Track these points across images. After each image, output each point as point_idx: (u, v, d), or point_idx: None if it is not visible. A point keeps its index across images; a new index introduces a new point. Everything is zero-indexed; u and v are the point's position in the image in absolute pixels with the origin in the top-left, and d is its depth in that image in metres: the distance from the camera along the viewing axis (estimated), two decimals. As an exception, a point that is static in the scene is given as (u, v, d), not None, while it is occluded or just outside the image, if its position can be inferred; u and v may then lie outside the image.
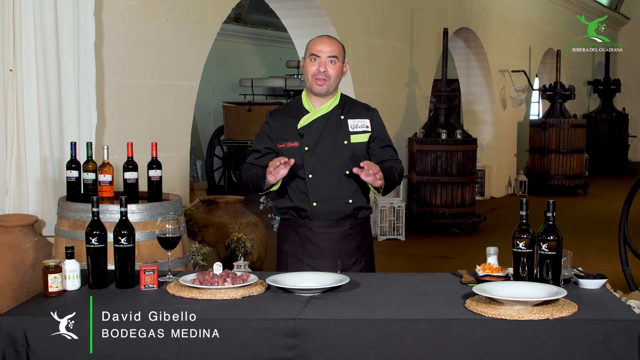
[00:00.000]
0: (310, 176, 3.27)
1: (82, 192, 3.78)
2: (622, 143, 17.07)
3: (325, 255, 3.29)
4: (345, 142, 3.29)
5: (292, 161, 3.08)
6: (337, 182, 3.28)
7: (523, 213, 2.74)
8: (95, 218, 2.82)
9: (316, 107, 3.33)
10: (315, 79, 3.26)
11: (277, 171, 3.08)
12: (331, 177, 3.28)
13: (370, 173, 3.06)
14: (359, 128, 3.32)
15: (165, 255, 3.11)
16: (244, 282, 2.74)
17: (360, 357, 2.40)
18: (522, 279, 2.74)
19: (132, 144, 3.69)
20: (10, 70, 4.35)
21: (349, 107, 3.37)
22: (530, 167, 13.32)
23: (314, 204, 3.28)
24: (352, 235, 3.33)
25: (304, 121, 3.31)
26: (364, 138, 3.32)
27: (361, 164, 3.08)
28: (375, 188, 3.22)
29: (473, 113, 12.72)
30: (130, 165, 3.66)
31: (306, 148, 3.28)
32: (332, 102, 3.34)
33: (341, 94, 3.39)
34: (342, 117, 3.32)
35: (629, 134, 17.33)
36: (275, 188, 3.25)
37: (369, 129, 3.33)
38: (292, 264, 3.31)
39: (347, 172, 3.27)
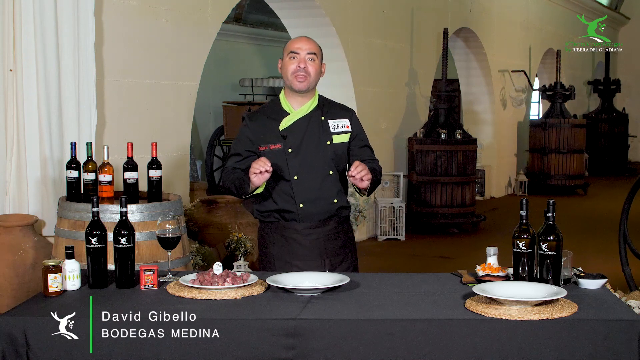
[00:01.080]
0: (295, 178, 3.27)
1: (82, 192, 3.78)
2: (622, 143, 17.07)
3: (313, 255, 3.30)
4: (328, 142, 3.30)
5: (270, 169, 3.04)
6: (322, 182, 3.29)
7: (523, 213, 2.74)
8: (95, 218, 2.82)
9: (296, 108, 3.33)
10: (296, 76, 3.26)
11: (262, 174, 3.06)
12: (316, 178, 3.28)
13: (362, 175, 3.06)
14: (340, 128, 3.34)
15: (165, 255, 3.11)
16: (244, 282, 2.74)
17: (360, 357, 2.40)
18: (522, 279, 2.74)
19: (132, 144, 3.69)
20: (10, 70, 4.35)
21: (327, 107, 3.38)
22: (530, 167, 13.32)
23: (301, 205, 3.28)
24: (338, 234, 3.36)
25: (285, 123, 3.31)
26: (345, 138, 3.34)
27: (352, 168, 3.08)
28: (360, 190, 3.23)
29: (473, 113, 12.72)
30: (130, 165, 3.66)
31: (290, 150, 3.27)
32: (311, 103, 3.34)
33: (319, 95, 3.40)
34: (323, 117, 3.34)
35: (629, 134, 17.33)
36: (259, 191, 3.24)
37: (350, 129, 3.36)
38: (280, 267, 3.30)
39: (331, 172, 3.29)
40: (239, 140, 3.36)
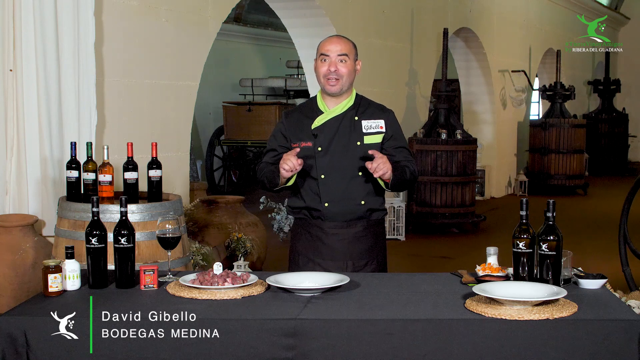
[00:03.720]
0: (322, 177, 3.26)
1: (82, 192, 3.78)
2: (622, 143, 17.07)
3: (336, 256, 3.28)
4: (358, 142, 3.27)
5: (301, 162, 3.07)
6: (349, 183, 3.27)
7: (523, 213, 2.74)
8: (95, 218, 2.82)
9: (330, 108, 3.32)
10: (327, 80, 3.25)
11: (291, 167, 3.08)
12: (343, 178, 3.26)
13: (377, 161, 3.04)
14: (373, 129, 3.30)
15: (165, 255, 3.12)
16: (244, 282, 2.74)
17: (360, 357, 2.40)
18: (522, 279, 2.74)
19: (132, 144, 3.69)
20: (10, 70, 4.35)
21: (364, 107, 3.35)
22: (530, 167, 13.32)
23: (326, 204, 3.27)
24: (364, 237, 3.31)
25: (317, 122, 3.30)
26: (378, 139, 3.29)
27: (370, 151, 3.07)
28: (384, 183, 3.20)
29: (473, 113, 12.72)
30: (130, 165, 3.66)
31: (319, 148, 3.27)
32: (346, 103, 3.32)
33: (356, 94, 3.38)
34: (356, 117, 3.31)
35: (629, 134, 17.33)
36: (290, 183, 3.25)
37: (383, 130, 3.31)
38: (304, 263, 3.31)
39: (360, 173, 3.26)
40: (274, 136, 3.38)
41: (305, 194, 3.31)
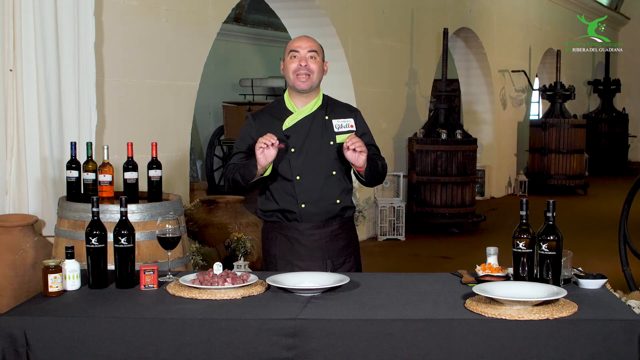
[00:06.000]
0: (298, 178, 3.26)
1: (82, 192, 3.78)
2: (622, 143, 17.07)
3: (315, 256, 3.28)
4: (331, 142, 3.29)
5: (277, 143, 3.04)
6: (324, 182, 3.28)
7: (523, 213, 2.74)
8: (95, 218, 2.82)
9: (300, 108, 3.32)
10: (297, 75, 3.25)
11: (269, 151, 3.04)
12: (319, 178, 3.27)
13: (356, 145, 3.05)
14: (344, 128, 3.32)
15: (165, 255, 3.12)
16: (244, 282, 2.74)
17: (360, 357, 2.40)
18: (522, 279, 2.74)
19: (132, 144, 3.69)
20: (10, 70, 4.35)
21: (332, 107, 3.37)
22: (530, 167, 13.32)
23: (303, 205, 3.26)
24: (340, 234, 3.34)
25: (288, 122, 3.29)
26: None
27: (347, 139, 3.08)
28: (358, 173, 3.22)
29: (473, 113, 12.72)
30: (130, 165, 3.66)
31: (292, 149, 3.26)
32: (315, 102, 3.33)
33: (323, 94, 3.39)
34: (327, 117, 3.32)
35: (629, 134, 17.34)
36: (267, 173, 3.22)
37: (354, 128, 3.34)
38: (282, 266, 3.29)
39: (334, 172, 3.28)
40: (242, 139, 3.34)
41: (278, 196, 3.29)
